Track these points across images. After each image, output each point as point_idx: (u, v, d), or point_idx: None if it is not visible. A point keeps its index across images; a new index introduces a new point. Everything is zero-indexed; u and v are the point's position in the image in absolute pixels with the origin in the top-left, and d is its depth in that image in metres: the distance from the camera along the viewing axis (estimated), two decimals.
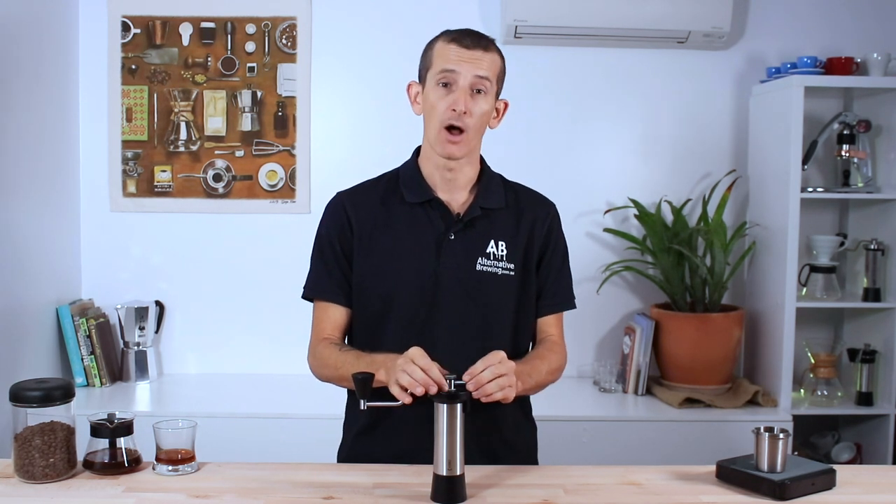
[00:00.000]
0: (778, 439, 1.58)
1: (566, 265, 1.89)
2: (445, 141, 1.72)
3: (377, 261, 1.77)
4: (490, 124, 1.79)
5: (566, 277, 1.89)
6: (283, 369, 3.18)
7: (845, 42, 3.27)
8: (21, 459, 1.55)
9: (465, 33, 1.72)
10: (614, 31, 3.13)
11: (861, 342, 3.14)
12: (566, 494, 1.56)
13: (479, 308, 1.76)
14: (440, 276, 1.75)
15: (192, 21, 3.22)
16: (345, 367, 1.69)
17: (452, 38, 1.72)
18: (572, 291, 1.90)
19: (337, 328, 1.81)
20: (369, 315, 1.79)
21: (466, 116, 1.70)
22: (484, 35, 1.75)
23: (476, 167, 1.83)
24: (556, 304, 1.87)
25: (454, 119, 1.70)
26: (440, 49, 1.72)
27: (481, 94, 1.71)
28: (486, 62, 1.71)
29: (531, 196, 1.89)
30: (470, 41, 1.71)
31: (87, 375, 3.05)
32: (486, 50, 1.71)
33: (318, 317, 1.82)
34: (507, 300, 1.78)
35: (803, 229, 3.02)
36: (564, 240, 1.89)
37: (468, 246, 1.77)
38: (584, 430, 2.82)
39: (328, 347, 1.76)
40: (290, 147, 3.26)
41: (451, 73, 1.69)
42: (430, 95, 1.73)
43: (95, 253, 3.25)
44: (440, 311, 1.73)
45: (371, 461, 1.73)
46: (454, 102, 1.69)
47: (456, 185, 1.79)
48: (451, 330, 1.73)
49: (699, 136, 3.33)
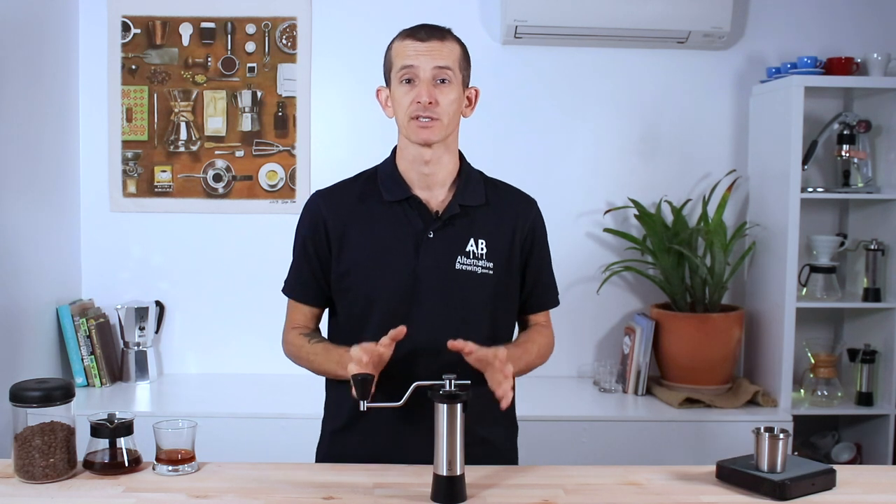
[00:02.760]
0: (778, 439, 1.58)
1: (550, 262, 1.91)
2: (417, 127, 1.72)
3: (356, 259, 1.77)
4: (463, 113, 1.79)
5: (552, 275, 1.91)
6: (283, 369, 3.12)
7: (845, 42, 3.27)
8: (21, 459, 1.55)
9: (419, 27, 1.74)
10: (614, 31, 3.13)
11: (861, 342, 3.14)
12: (566, 494, 1.56)
13: (458, 306, 1.75)
14: (419, 274, 1.74)
15: (192, 21, 3.22)
16: (317, 361, 1.77)
17: (408, 34, 1.74)
18: (556, 287, 1.93)
19: (307, 321, 1.86)
20: (351, 313, 1.80)
21: (433, 107, 1.70)
22: (439, 26, 1.76)
23: (454, 162, 1.81)
24: (544, 302, 1.89)
25: (420, 111, 1.70)
26: (397, 47, 1.74)
27: (446, 84, 1.71)
28: (445, 51, 1.72)
29: (512, 193, 1.87)
30: (425, 33, 1.72)
31: (87, 375, 3.05)
32: (442, 40, 1.72)
33: (290, 311, 1.89)
34: (486, 299, 1.77)
35: (803, 229, 3.02)
36: (547, 237, 1.90)
37: (447, 244, 1.76)
38: (583, 430, 2.82)
39: (299, 338, 1.82)
40: (290, 147, 3.26)
41: (411, 67, 1.71)
42: (395, 94, 1.74)
43: (95, 253, 3.25)
44: (420, 310, 1.73)
45: (348, 460, 1.73)
46: (418, 95, 1.70)
47: (434, 181, 1.78)
48: (431, 328, 1.72)
49: (699, 136, 3.33)
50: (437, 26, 1.76)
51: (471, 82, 1.80)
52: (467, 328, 1.74)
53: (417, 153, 1.75)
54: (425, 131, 1.71)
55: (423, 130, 1.71)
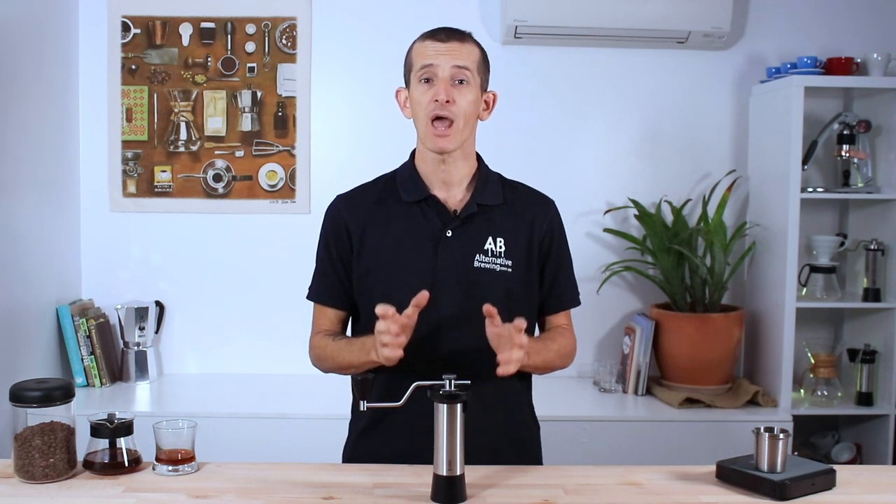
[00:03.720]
0: (778, 439, 1.58)
1: (571, 262, 1.91)
2: (434, 135, 1.73)
3: (376, 260, 1.78)
4: (480, 116, 1.81)
5: (572, 275, 1.91)
6: (283, 369, 3.18)
7: (845, 42, 3.27)
8: (21, 459, 1.55)
9: (439, 29, 1.76)
10: (614, 31, 3.13)
11: (861, 342, 3.14)
12: (566, 494, 1.56)
13: (477, 305, 1.75)
14: (438, 273, 1.75)
15: (192, 21, 3.22)
16: (340, 356, 1.76)
17: (428, 35, 1.76)
18: (577, 288, 1.93)
19: (333, 325, 1.86)
20: (371, 314, 1.79)
21: (451, 105, 1.71)
22: (459, 29, 1.78)
23: (472, 163, 1.83)
24: (565, 301, 1.89)
25: (438, 109, 1.71)
26: (417, 48, 1.76)
27: (464, 85, 1.73)
28: (464, 52, 1.74)
29: (530, 194, 1.89)
30: (445, 35, 1.74)
31: (87, 375, 3.05)
32: (461, 41, 1.75)
33: (316, 315, 1.88)
34: (505, 296, 1.78)
35: (803, 229, 3.02)
36: (566, 237, 1.90)
37: (465, 243, 1.77)
38: (583, 430, 2.82)
39: (323, 339, 1.81)
40: (290, 147, 3.26)
41: (430, 67, 1.72)
42: (414, 94, 1.75)
43: (95, 253, 3.25)
44: (439, 309, 1.73)
45: (373, 461, 1.74)
46: (436, 93, 1.71)
47: (452, 181, 1.80)
48: (451, 327, 1.74)
49: (699, 136, 3.33)
50: (458, 29, 1.78)
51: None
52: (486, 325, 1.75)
53: (436, 155, 1.78)
54: (442, 140, 1.73)
55: (439, 139, 1.73)
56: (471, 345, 1.68)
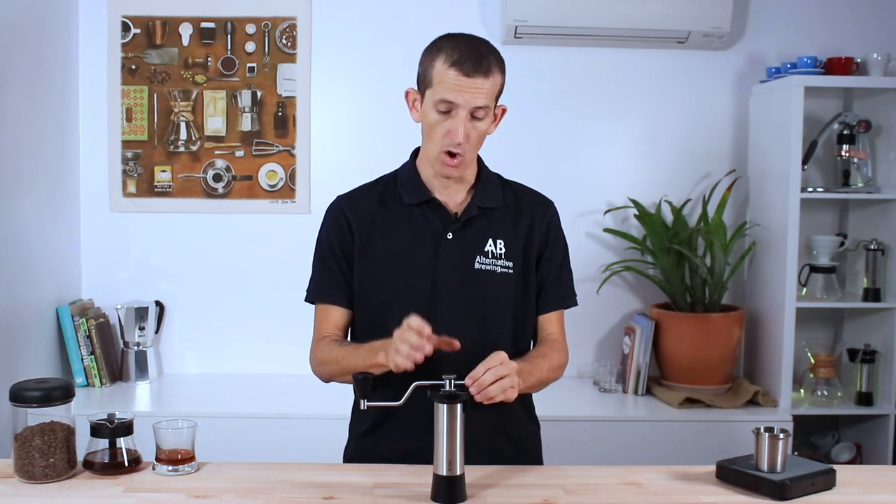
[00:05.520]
0: (778, 439, 1.58)
1: (567, 263, 1.89)
2: (444, 164, 1.73)
3: (377, 262, 1.78)
4: (488, 130, 1.78)
5: (567, 275, 1.89)
6: (283, 369, 3.18)
7: (845, 42, 3.27)
8: (21, 459, 1.55)
9: (466, 55, 1.65)
10: (614, 31, 3.13)
11: (861, 342, 3.14)
12: (566, 494, 1.56)
13: (478, 306, 1.76)
14: (439, 275, 1.75)
15: (192, 21, 3.22)
16: (347, 359, 1.72)
17: (453, 61, 1.65)
18: (573, 289, 1.91)
19: (337, 328, 1.83)
20: (371, 316, 1.80)
21: (465, 142, 1.70)
22: (485, 55, 1.68)
23: (474, 168, 1.83)
24: (556, 301, 1.87)
25: (453, 147, 1.70)
26: (440, 72, 1.67)
27: (480, 119, 1.71)
28: (486, 89, 1.67)
29: (529, 195, 1.89)
30: (471, 67, 1.65)
31: (87, 375, 3.05)
32: (486, 76, 1.66)
33: (320, 318, 1.84)
34: (507, 298, 1.78)
35: (803, 229, 3.02)
36: (564, 238, 1.90)
37: (466, 245, 1.77)
38: (583, 430, 2.82)
39: (329, 344, 1.78)
40: (290, 147, 3.26)
41: (451, 104, 1.68)
42: (428, 115, 1.72)
43: (95, 253, 3.25)
44: (440, 311, 1.74)
45: (374, 461, 1.73)
46: (453, 133, 1.68)
47: (453, 185, 1.80)
48: (452, 329, 1.73)
49: (699, 136, 3.33)
50: (484, 55, 1.67)
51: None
52: (488, 327, 1.75)
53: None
54: (451, 169, 1.73)
55: (448, 168, 1.73)
56: (472, 345, 1.68)
